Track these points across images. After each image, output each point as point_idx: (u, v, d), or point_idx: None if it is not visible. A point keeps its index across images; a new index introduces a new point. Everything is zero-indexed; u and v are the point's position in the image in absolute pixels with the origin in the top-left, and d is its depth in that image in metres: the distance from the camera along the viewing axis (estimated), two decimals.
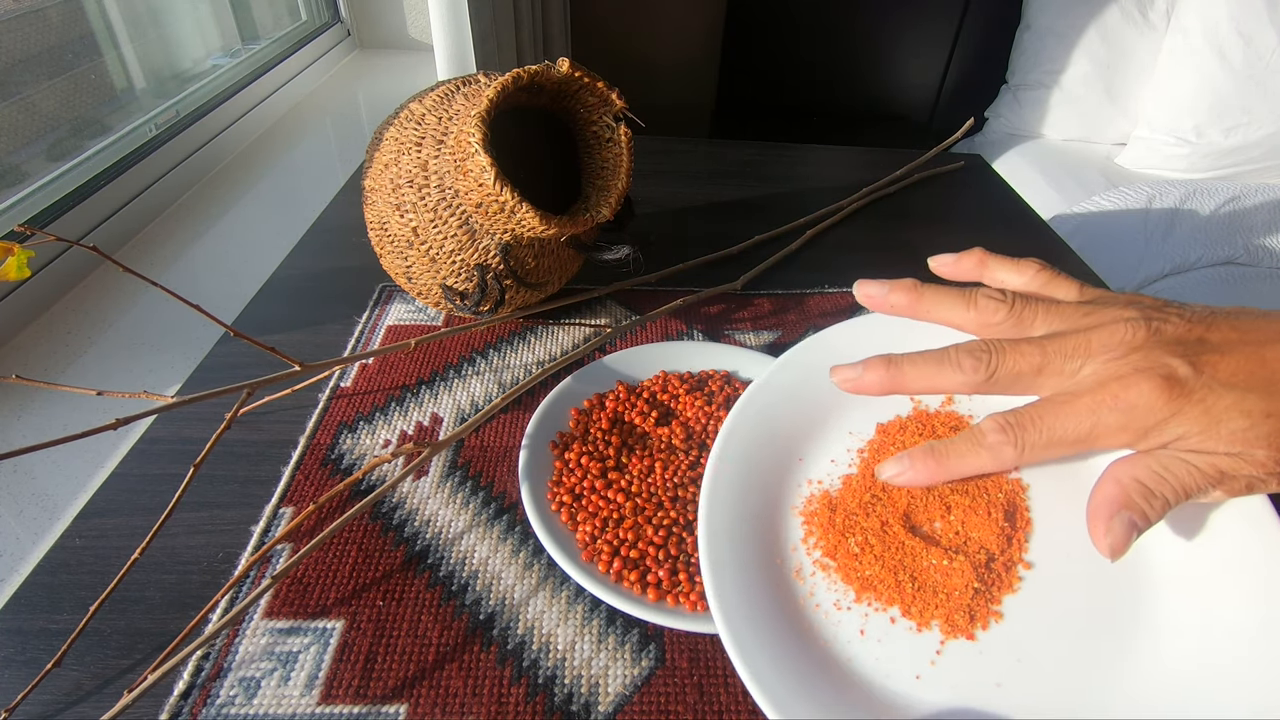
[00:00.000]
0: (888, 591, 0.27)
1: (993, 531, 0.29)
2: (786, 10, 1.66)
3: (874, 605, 0.27)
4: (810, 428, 0.33)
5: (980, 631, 0.27)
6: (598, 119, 0.41)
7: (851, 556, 0.28)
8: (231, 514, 0.34)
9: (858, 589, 0.28)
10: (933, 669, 0.26)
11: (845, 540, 0.29)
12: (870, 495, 0.30)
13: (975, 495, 0.30)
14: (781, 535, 0.30)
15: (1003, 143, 1.60)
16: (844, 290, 0.52)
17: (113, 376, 0.51)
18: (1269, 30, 1.29)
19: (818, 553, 0.29)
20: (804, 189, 0.48)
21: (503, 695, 0.28)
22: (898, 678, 0.26)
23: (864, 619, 0.27)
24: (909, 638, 0.27)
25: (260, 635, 0.29)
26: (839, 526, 0.29)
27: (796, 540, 0.30)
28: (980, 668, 0.26)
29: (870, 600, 0.27)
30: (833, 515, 0.30)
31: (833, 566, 0.29)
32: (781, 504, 0.31)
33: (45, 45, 0.67)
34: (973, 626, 0.27)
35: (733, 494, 0.30)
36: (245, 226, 0.67)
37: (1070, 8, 1.48)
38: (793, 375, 0.34)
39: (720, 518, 0.29)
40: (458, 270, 0.41)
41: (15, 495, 0.40)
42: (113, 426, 0.26)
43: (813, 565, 0.29)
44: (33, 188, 0.59)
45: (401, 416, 0.40)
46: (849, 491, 0.31)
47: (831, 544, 0.29)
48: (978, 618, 0.27)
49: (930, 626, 0.27)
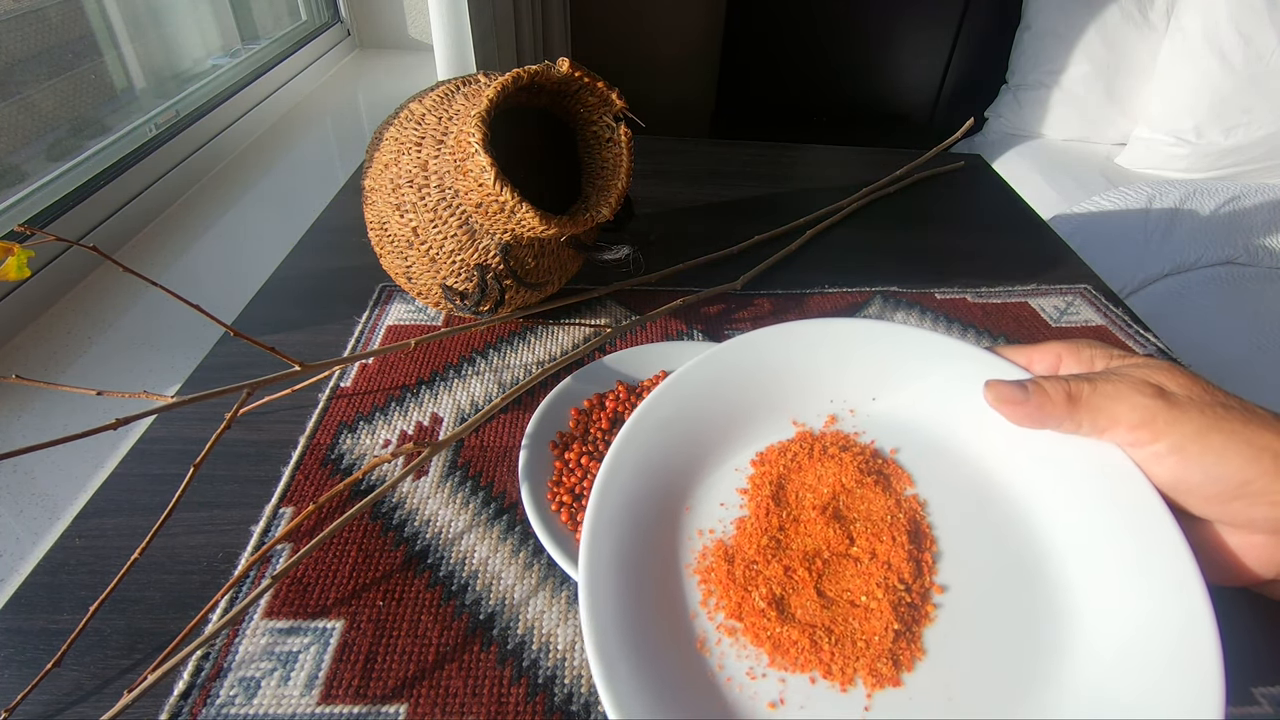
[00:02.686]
0: (803, 655, 0.25)
1: (901, 557, 0.27)
2: (786, 10, 1.66)
3: (790, 669, 0.25)
4: (691, 470, 0.30)
5: (906, 675, 0.25)
6: (598, 119, 0.41)
7: (758, 614, 0.26)
8: (231, 514, 0.34)
9: (769, 651, 0.26)
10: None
11: (749, 595, 0.27)
12: (767, 538, 0.28)
13: (878, 520, 0.28)
14: (678, 601, 0.27)
15: (1003, 143, 1.61)
16: (844, 290, 0.52)
17: (113, 377, 0.51)
18: (1269, 30, 1.29)
19: (720, 615, 0.27)
20: (804, 189, 0.48)
21: (503, 695, 0.28)
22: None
23: (781, 685, 0.25)
24: (833, 697, 0.25)
25: (260, 635, 0.29)
26: (739, 580, 0.27)
27: (695, 604, 0.27)
28: (913, 713, 0.24)
29: (785, 666, 0.25)
30: (731, 568, 0.27)
31: (739, 629, 0.26)
32: (673, 563, 0.28)
33: (45, 45, 0.67)
34: (899, 672, 0.25)
35: (616, 561, 0.26)
36: (245, 226, 0.67)
37: (1070, 8, 1.48)
38: (665, 413, 0.30)
39: (604, 595, 0.25)
40: (458, 270, 0.41)
41: (15, 495, 0.40)
42: (113, 426, 0.26)
43: (717, 631, 0.26)
44: (33, 188, 0.59)
45: (401, 416, 0.40)
46: (744, 537, 0.28)
47: (734, 602, 0.27)
48: (902, 661, 0.25)
49: (854, 682, 0.25)
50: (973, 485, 0.30)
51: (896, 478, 0.31)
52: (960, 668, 0.25)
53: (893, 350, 0.33)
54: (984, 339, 0.48)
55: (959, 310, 0.51)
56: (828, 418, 0.33)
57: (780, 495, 0.30)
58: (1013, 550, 0.28)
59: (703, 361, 0.32)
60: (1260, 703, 0.28)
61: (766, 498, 0.29)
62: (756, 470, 0.31)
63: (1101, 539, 0.27)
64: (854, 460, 0.30)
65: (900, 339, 0.33)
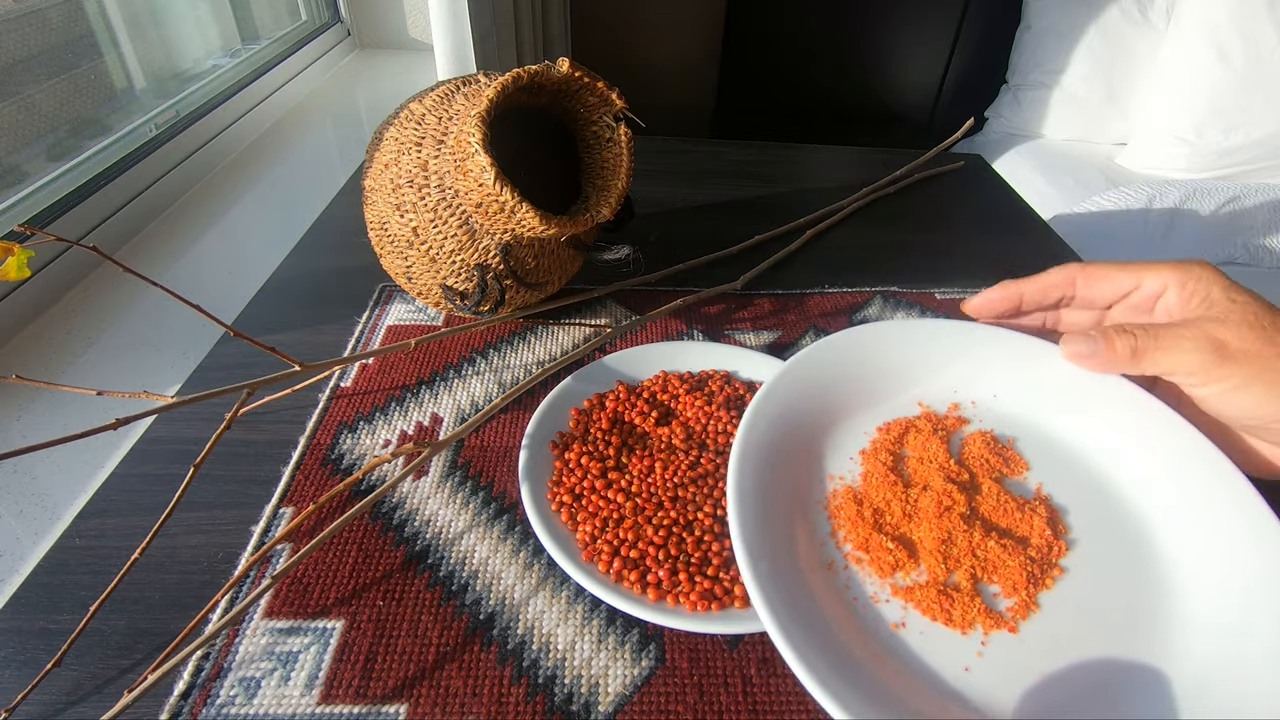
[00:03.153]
0: (926, 600, 0.28)
1: (1028, 522, 0.30)
2: (787, 10, 1.65)
3: (912, 606, 0.28)
4: (821, 426, 0.34)
5: (1021, 623, 0.27)
6: (598, 119, 0.41)
7: (885, 550, 0.29)
8: (231, 514, 0.34)
9: (892, 591, 0.28)
10: (980, 660, 0.26)
11: (876, 534, 0.30)
12: (894, 491, 0.31)
13: (1001, 489, 0.31)
14: (810, 528, 0.30)
15: (1003, 143, 1.60)
16: (844, 290, 0.52)
17: (113, 377, 0.51)
18: (1269, 30, 1.29)
19: (848, 546, 0.30)
20: (804, 189, 0.48)
21: (503, 695, 0.28)
22: (945, 669, 0.26)
23: (903, 611, 0.27)
24: (953, 634, 0.27)
25: (260, 635, 0.29)
26: (868, 519, 0.30)
27: (824, 534, 0.30)
28: (1024, 656, 0.26)
29: (908, 603, 0.28)
30: (860, 509, 0.31)
31: (865, 559, 0.29)
32: (806, 497, 0.31)
33: (45, 45, 0.67)
34: (1015, 621, 0.27)
35: (758, 492, 0.29)
36: (245, 226, 0.67)
37: (1070, 8, 1.48)
38: (801, 375, 0.34)
39: (750, 513, 0.28)
40: (458, 270, 0.41)
41: (15, 495, 0.40)
42: (113, 426, 0.26)
43: (845, 559, 0.29)
44: (33, 188, 0.59)
45: (401, 416, 0.40)
46: (872, 486, 0.32)
47: (862, 536, 0.30)
48: (1017, 615, 0.28)
49: (973, 627, 0.27)
50: (1087, 477, 0.33)
51: (1015, 461, 0.33)
52: (1070, 624, 0.27)
53: (1019, 356, 0.36)
54: None
55: (959, 310, 0.51)
56: (951, 404, 0.36)
57: (900, 462, 0.33)
58: (1124, 533, 0.31)
59: (834, 339, 0.36)
60: None
61: (889, 455, 0.33)
62: (880, 435, 0.34)
63: (1202, 528, 0.30)
64: (980, 436, 0.34)
65: (1030, 350, 0.36)
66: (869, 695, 0.23)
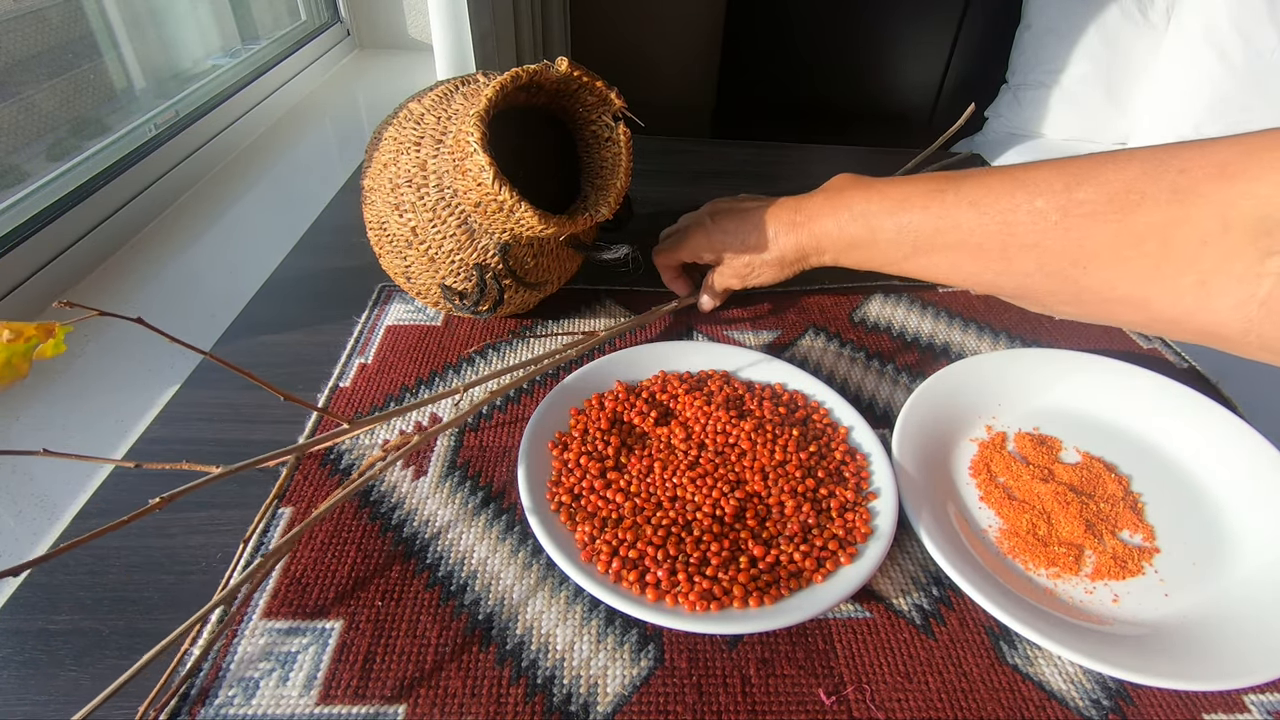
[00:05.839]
0: (1060, 562, 0.34)
1: (1118, 496, 0.38)
2: (786, 10, 1.66)
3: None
4: (959, 419, 0.41)
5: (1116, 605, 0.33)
6: (597, 118, 0.40)
7: (1017, 506, 0.36)
8: (231, 514, 0.34)
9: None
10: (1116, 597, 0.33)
11: (1012, 501, 0.37)
12: (1030, 470, 0.38)
13: (1107, 483, 0.38)
14: (957, 485, 0.38)
15: (1003, 142, 1.60)
16: (844, 290, 0.52)
17: (113, 376, 0.51)
18: (1269, 30, 1.29)
19: (991, 512, 0.36)
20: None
21: (501, 695, 0.28)
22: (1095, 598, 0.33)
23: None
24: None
25: (259, 636, 0.29)
26: (1004, 487, 0.38)
27: (975, 500, 0.37)
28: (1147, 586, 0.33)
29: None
30: (993, 476, 0.38)
31: (1005, 529, 0.36)
32: (959, 464, 0.39)
33: (45, 45, 0.67)
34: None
35: (919, 438, 0.38)
36: (245, 226, 0.67)
37: (1070, 7, 1.48)
38: (953, 375, 0.42)
39: (909, 451, 0.37)
40: (457, 270, 0.41)
41: (15, 495, 0.40)
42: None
43: (986, 516, 0.36)
44: (33, 188, 0.59)
45: (401, 416, 0.40)
46: (1008, 471, 0.38)
47: (1002, 495, 0.37)
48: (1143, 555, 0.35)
49: (1093, 592, 0.33)
50: (1164, 470, 0.40)
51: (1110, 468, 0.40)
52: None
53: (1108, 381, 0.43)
54: (986, 331, 0.48)
55: (961, 303, 0.51)
56: (1034, 428, 0.42)
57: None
58: (1196, 511, 0.37)
59: (960, 364, 0.43)
60: (1250, 710, 0.28)
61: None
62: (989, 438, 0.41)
63: (1255, 498, 0.37)
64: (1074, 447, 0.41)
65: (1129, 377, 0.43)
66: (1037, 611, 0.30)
